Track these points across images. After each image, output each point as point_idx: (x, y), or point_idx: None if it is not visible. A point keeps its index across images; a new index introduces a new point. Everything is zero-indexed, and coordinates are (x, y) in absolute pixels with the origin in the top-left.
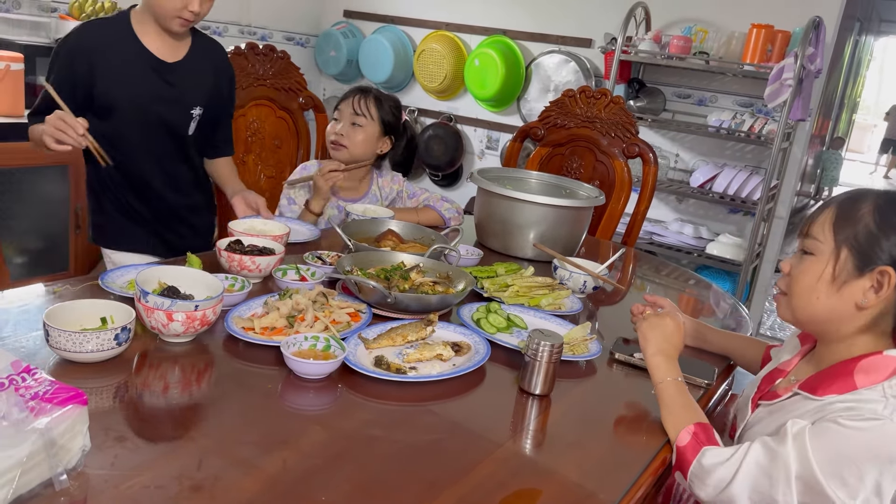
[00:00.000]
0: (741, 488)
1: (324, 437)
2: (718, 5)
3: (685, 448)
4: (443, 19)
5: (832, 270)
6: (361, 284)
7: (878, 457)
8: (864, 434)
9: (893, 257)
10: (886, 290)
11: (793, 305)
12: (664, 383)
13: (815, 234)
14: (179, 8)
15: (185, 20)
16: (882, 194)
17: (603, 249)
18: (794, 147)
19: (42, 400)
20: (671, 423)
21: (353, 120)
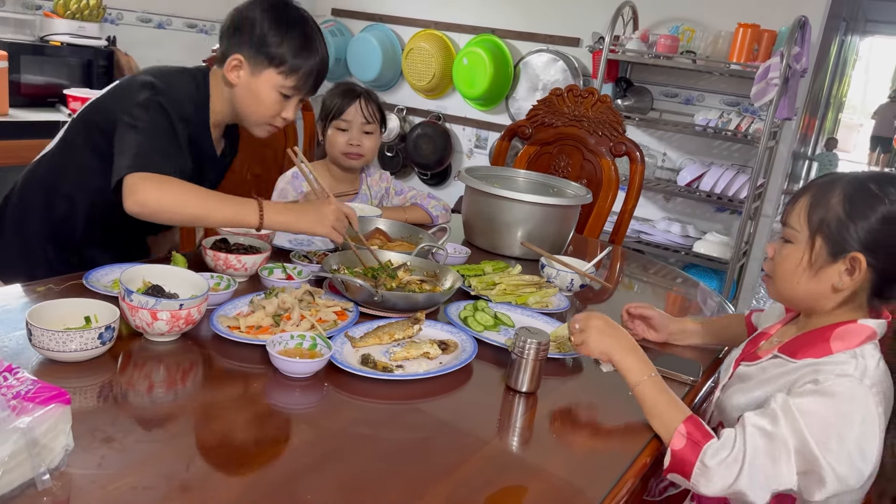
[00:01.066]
0: (749, 480)
1: (310, 435)
2: (705, 5)
3: (682, 451)
4: (431, 18)
5: (808, 258)
6: (348, 283)
7: (853, 420)
8: (839, 398)
9: (863, 243)
10: (858, 273)
11: (777, 288)
12: (641, 384)
13: (792, 223)
14: (275, 115)
15: (274, 127)
16: (851, 182)
17: (590, 248)
18: (780, 146)
19: (24, 399)
20: (659, 424)
21: (364, 128)
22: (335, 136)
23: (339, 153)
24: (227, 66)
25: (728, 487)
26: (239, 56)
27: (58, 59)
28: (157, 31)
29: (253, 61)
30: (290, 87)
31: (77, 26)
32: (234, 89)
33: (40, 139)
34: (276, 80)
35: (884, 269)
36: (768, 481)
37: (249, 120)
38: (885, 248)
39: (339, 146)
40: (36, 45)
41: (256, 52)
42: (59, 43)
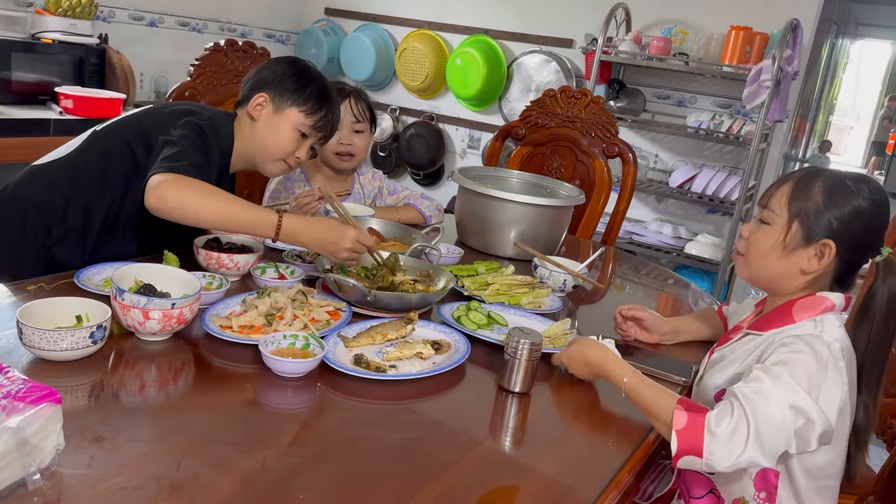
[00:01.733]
0: (757, 441)
1: (303, 435)
2: (698, 7)
3: (687, 429)
4: (425, 18)
5: (784, 239)
6: (341, 283)
7: (823, 365)
8: (807, 350)
9: (834, 231)
10: (827, 258)
11: (749, 265)
12: (628, 382)
13: (773, 206)
14: (290, 153)
15: (287, 165)
16: (831, 176)
17: (583, 248)
18: (771, 148)
19: (14, 398)
20: (657, 412)
21: (354, 127)
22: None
23: (329, 154)
24: (252, 104)
25: (741, 454)
26: (265, 94)
27: (49, 56)
28: (150, 28)
29: (277, 100)
30: (309, 127)
31: (69, 24)
32: (255, 125)
33: (31, 137)
34: (297, 119)
35: (848, 258)
36: (775, 439)
37: (266, 155)
38: (853, 239)
39: (329, 146)
40: (27, 42)
41: (281, 93)
42: (50, 40)
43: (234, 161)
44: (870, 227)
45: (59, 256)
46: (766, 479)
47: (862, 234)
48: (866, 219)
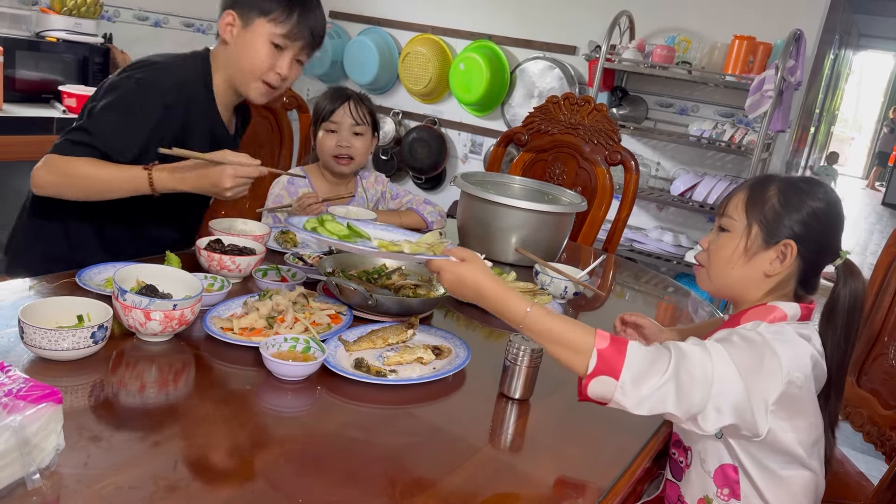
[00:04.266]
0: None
1: (302, 439)
2: (702, 16)
3: (610, 347)
4: (428, 22)
5: (745, 244)
6: (342, 286)
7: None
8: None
9: (794, 232)
10: (789, 259)
11: (711, 276)
12: (528, 316)
13: (731, 213)
14: (267, 68)
15: (268, 86)
16: (784, 179)
17: (584, 255)
18: (773, 158)
19: (16, 397)
20: (569, 337)
21: (354, 130)
22: (325, 139)
23: (328, 156)
24: (222, 25)
25: (657, 389)
26: (231, 12)
27: (53, 55)
28: (154, 28)
29: (244, 15)
30: (281, 36)
31: (73, 23)
32: (228, 49)
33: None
34: (268, 29)
35: (810, 258)
36: (691, 389)
37: (244, 77)
38: (813, 239)
39: (328, 149)
40: (32, 40)
41: (247, 6)
42: (55, 39)
43: (222, 94)
44: (826, 226)
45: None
46: (725, 475)
47: (820, 234)
48: (823, 219)
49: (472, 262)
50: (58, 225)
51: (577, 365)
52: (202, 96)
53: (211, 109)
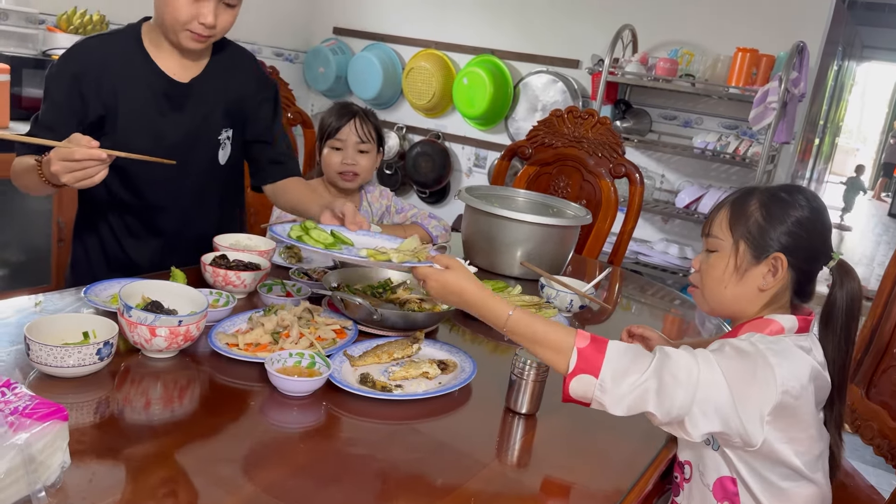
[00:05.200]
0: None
1: (308, 455)
2: (704, 29)
3: (590, 347)
4: (432, 38)
5: (734, 262)
6: (347, 301)
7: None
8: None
9: (782, 244)
10: (781, 272)
11: (706, 297)
12: (510, 319)
13: (716, 233)
14: (188, 19)
15: (197, 35)
16: (764, 192)
17: (589, 268)
18: (778, 169)
19: (22, 415)
20: (551, 339)
21: (359, 147)
22: (330, 156)
23: (334, 173)
24: None
25: (640, 385)
26: None
27: None
28: None
29: None
30: None
31: None
32: (155, 2)
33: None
34: None
35: (802, 268)
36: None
37: (170, 29)
38: (802, 248)
39: (333, 166)
40: (38, 58)
41: None
42: None
43: (165, 47)
44: (813, 233)
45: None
46: (724, 488)
47: (808, 242)
48: (808, 226)
49: (456, 269)
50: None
51: (559, 364)
52: (130, 55)
53: (146, 64)
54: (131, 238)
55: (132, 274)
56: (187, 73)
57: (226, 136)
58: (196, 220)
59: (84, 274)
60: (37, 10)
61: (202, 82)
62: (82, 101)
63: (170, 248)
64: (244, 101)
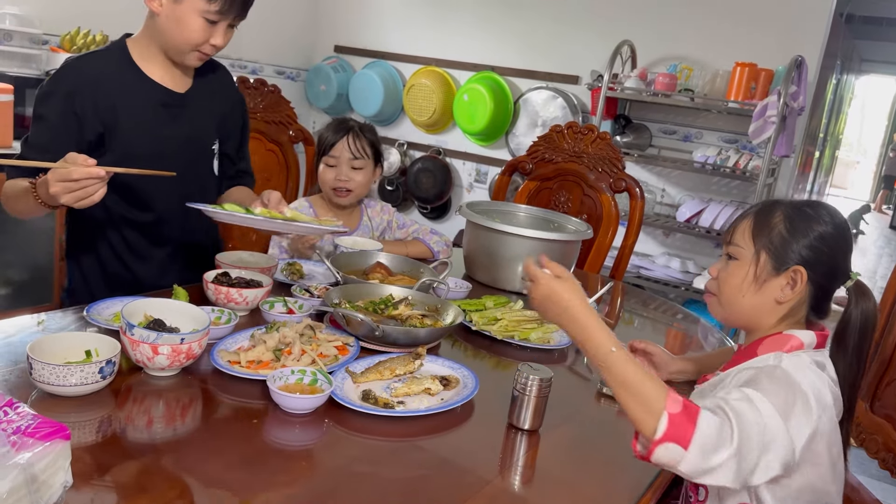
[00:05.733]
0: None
1: (310, 473)
2: (703, 44)
3: (682, 414)
4: (432, 55)
5: (754, 272)
6: (349, 317)
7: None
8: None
9: (803, 258)
10: (800, 285)
11: (722, 304)
12: (609, 357)
13: (738, 241)
14: (202, 42)
15: (204, 54)
16: (789, 205)
17: (591, 283)
18: (778, 182)
19: (24, 434)
20: (645, 392)
21: (352, 164)
22: (325, 172)
23: (328, 189)
24: None
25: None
26: None
27: None
28: None
29: None
30: (214, 12)
31: None
32: (158, 19)
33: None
34: (200, 5)
35: (820, 283)
36: (763, 446)
37: (177, 49)
38: (822, 263)
39: (328, 182)
40: (41, 79)
41: None
42: None
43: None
44: (835, 249)
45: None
46: None
47: (829, 258)
48: (830, 242)
49: (568, 281)
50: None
51: (645, 424)
52: (122, 70)
53: (139, 78)
54: (132, 254)
55: (133, 290)
56: (181, 84)
57: (216, 147)
58: (195, 231)
59: (83, 294)
60: (40, 30)
61: (195, 93)
62: (78, 121)
63: (171, 261)
64: (228, 116)
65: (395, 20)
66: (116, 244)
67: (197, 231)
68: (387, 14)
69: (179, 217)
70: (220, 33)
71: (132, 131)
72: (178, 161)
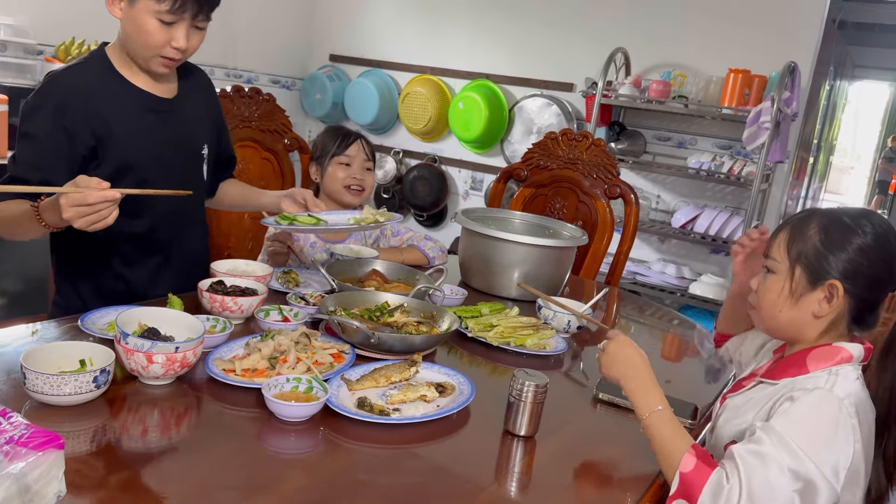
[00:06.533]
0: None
1: (306, 481)
2: (696, 50)
3: (691, 475)
4: (427, 63)
5: (790, 286)
6: (345, 325)
7: (830, 426)
8: (814, 407)
9: (840, 271)
10: (837, 299)
11: (762, 317)
12: (652, 415)
13: (774, 255)
14: (161, 44)
15: (168, 60)
16: (825, 215)
17: (587, 289)
18: (773, 188)
19: (17, 444)
20: (666, 453)
21: (366, 165)
22: (337, 171)
23: (340, 187)
24: (107, 2)
25: None
26: None
27: None
28: None
29: None
30: (165, 12)
31: None
32: (122, 24)
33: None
34: (150, 6)
35: (861, 296)
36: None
37: (140, 54)
38: (862, 276)
39: (341, 180)
40: None
41: None
42: None
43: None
44: (876, 261)
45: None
46: None
47: (869, 270)
48: (871, 254)
49: (637, 347)
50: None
51: (668, 477)
52: (107, 80)
53: (125, 86)
54: (124, 263)
55: (126, 300)
56: (167, 90)
57: (206, 150)
58: (189, 239)
59: (75, 304)
60: (35, 41)
61: (182, 98)
62: (68, 136)
63: (164, 269)
64: (214, 121)
65: (390, 29)
66: (107, 254)
67: (191, 238)
68: (382, 23)
69: (172, 225)
70: (181, 35)
71: (125, 140)
72: (171, 167)
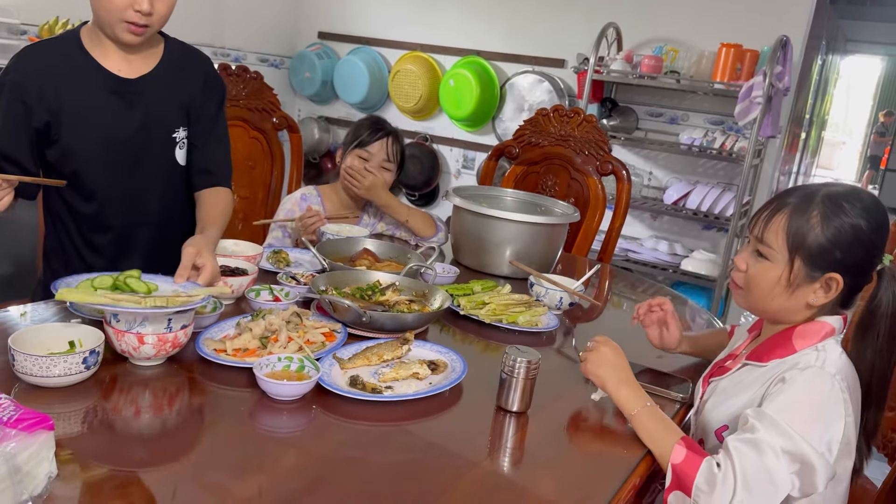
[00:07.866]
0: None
1: (299, 459)
2: (688, 25)
3: (683, 465)
4: (417, 40)
5: (787, 277)
6: (336, 304)
7: (823, 404)
8: (807, 387)
9: (840, 263)
10: (834, 291)
11: (750, 300)
12: (638, 412)
13: (769, 241)
14: (123, 8)
15: (134, 25)
16: (826, 200)
17: (579, 266)
18: (765, 163)
19: (6, 426)
20: (658, 447)
21: (385, 165)
22: (353, 163)
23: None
24: None
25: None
26: None
27: None
28: None
29: None
30: None
31: None
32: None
33: None
34: None
35: (852, 283)
36: (767, 485)
37: (105, 21)
38: (858, 265)
39: (353, 169)
40: None
41: None
42: None
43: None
44: (870, 246)
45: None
46: None
47: (863, 256)
48: (866, 240)
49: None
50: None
51: (662, 466)
52: (72, 58)
53: (89, 65)
54: (101, 258)
55: None
56: (134, 69)
57: (183, 134)
58: (165, 227)
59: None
60: (18, 20)
61: (153, 79)
62: (25, 110)
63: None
64: (192, 101)
65: (380, 5)
66: (82, 248)
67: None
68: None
69: (144, 211)
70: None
71: (76, 119)
72: (130, 150)
